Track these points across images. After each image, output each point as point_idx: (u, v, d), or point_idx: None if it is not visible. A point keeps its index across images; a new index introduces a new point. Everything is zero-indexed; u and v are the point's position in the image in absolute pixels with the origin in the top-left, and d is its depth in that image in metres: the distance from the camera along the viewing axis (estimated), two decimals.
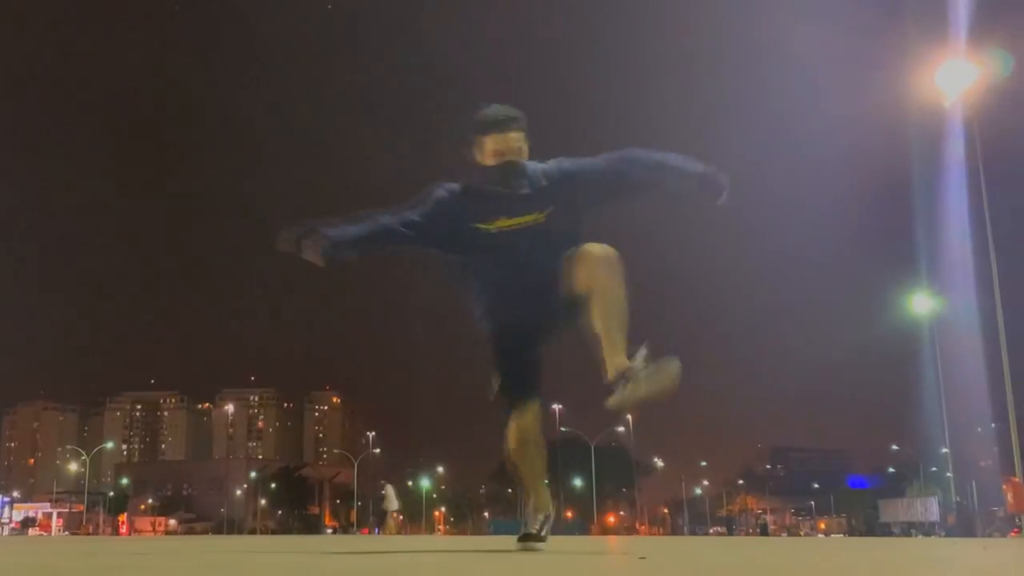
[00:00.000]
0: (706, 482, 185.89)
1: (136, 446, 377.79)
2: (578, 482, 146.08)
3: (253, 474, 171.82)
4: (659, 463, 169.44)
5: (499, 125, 6.37)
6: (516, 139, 6.39)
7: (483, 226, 6.36)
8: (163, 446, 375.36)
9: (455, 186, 6.54)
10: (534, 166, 6.52)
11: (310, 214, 6.41)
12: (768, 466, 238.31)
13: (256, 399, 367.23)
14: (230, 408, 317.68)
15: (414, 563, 5.49)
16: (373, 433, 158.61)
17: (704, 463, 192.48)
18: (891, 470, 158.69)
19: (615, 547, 11.81)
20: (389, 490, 47.85)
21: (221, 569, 4.58)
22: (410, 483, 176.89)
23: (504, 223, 6.35)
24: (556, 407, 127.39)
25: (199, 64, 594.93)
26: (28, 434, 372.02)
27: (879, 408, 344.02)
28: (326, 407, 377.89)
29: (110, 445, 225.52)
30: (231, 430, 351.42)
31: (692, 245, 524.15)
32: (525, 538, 7.05)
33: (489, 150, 6.37)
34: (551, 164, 6.60)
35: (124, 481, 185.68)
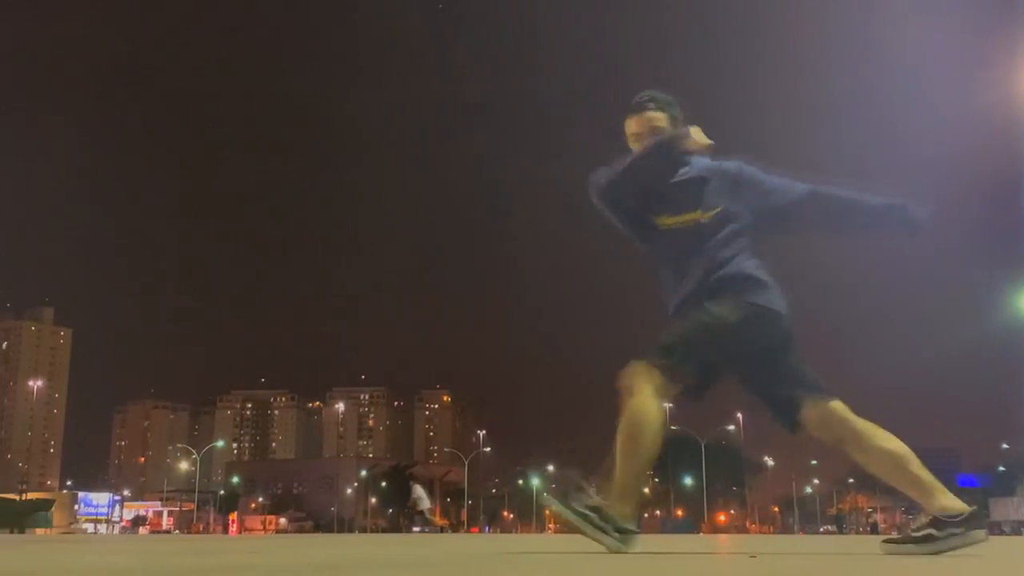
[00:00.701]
0: (816, 480, 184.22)
1: (247, 444, 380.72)
2: (688, 481, 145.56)
3: (363, 473, 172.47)
4: (769, 461, 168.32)
5: (635, 107, 6.10)
6: (654, 118, 6.05)
7: (653, 220, 6.02)
8: (273, 445, 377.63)
9: (612, 173, 6.04)
10: (699, 159, 6.07)
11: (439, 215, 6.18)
12: None
13: (367, 398, 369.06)
14: (341, 407, 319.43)
15: (520, 560, 5.52)
16: (484, 431, 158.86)
17: (814, 462, 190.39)
18: (1001, 469, 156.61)
19: (725, 545, 11.78)
20: (418, 490, 47.49)
21: (332, 569, 4.64)
22: (521, 482, 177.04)
23: (667, 221, 5.96)
24: (666, 405, 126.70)
25: (333, 63, 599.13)
26: (139, 433, 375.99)
27: (989, 406, 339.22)
28: (436, 405, 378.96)
29: (221, 444, 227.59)
30: (341, 429, 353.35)
31: (800, 242, 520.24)
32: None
33: (630, 133, 6.12)
34: (730, 164, 6.15)
35: (235, 480, 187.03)
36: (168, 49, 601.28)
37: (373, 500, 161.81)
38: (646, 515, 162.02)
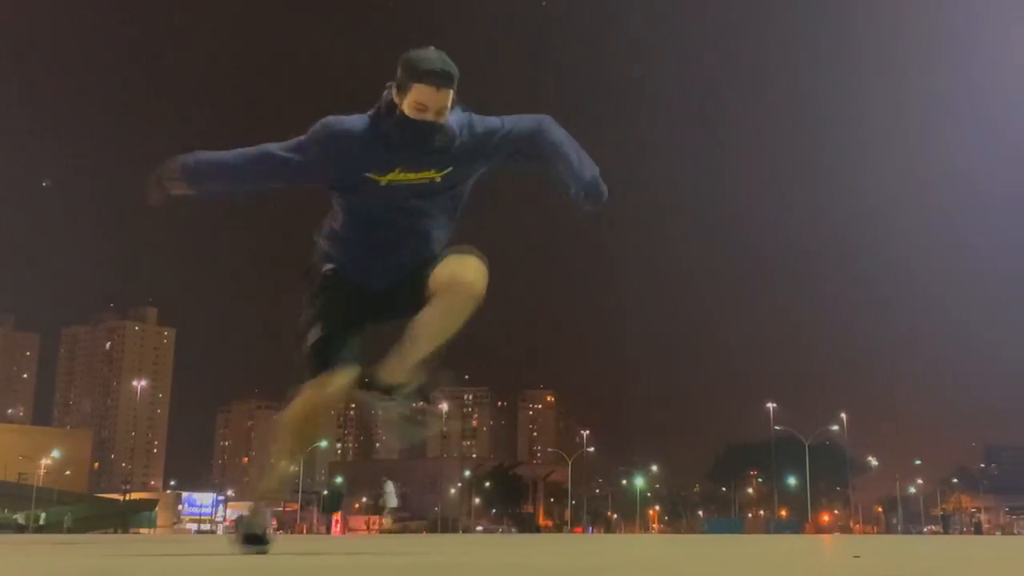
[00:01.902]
0: (920, 481, 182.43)
1: (350, 444, 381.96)
2: (792, 481, 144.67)
3: (467, 473, 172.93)
4: (873, 462, 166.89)
5: (433, 77, 5.37)
6: (445, 98, 5.43)
7: (374, 176, 5.53)
8: (377, 444, 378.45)
9: (355, 122, 5.61)
10: (459, 120, 5.62)
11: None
12: (982, 464, 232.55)
13: (470, 398, 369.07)
14: (444, 406, 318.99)
15: (620, 562, 5.65)
16: (587, 432, 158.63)
17: (918, 462, 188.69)
18: None
19: (829, 545, 11.84)
20: (389, 486, 44.92)
21: (439, 569, 4.79)
22: (624, 482, 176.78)
23: (397, 176, 5.54)
24: (771, 405, 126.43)
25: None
26: (242, 432, 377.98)
27: None
28: (540, 406, 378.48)
29: (324, 443, 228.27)
30: (445, 428, 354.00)
31: (906, 243, 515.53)
32: (248, 540, 6.18)
33: (412, 100, 5.41)
34: (481, 126, 5.72)
35: (338, 480, 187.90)
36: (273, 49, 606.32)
37: (477, 500, 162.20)
38: (750, 515, 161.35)
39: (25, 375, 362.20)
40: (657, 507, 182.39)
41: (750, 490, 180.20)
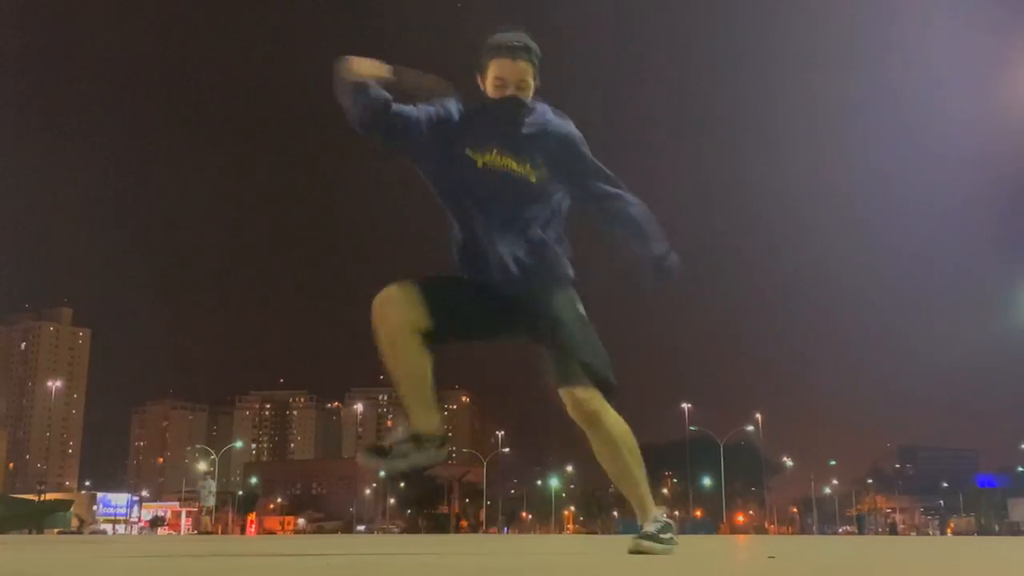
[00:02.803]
0: (835, 481, 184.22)
1: (265, 445, 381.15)
2: (707, 481, 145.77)
3: (382, 473, 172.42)
4: (788, 462, 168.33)
5: (506, 50, 5.43)
6: (523, 70, 5.45)
7: (472, 154, 5.46)
8: (292, 445, 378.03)
9: (467, 102, 5.58)
10: (548, 111, 5.62)
11: None
12: (897, 465, 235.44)
13: (385, 398, 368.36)
14: (359, 407, 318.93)
15: (541, 564, 5.59)
16: (502, 432, 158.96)
17: (833, 462, 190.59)
18: (1020, 469, 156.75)
19: (744, 546, 11.84)
20: (210, 485, 42.87)
21: (345, 568, 4.71)
22: (539, 482, 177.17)
23: (492, 160, 5.43)
24: (685, 406, 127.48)
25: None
26: (157, 433, 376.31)
27: (1008, 407, 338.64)
28: (455, 406, 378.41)
29: (239, 444, 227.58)
30: (360, 429, 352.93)
31: (820, 244, 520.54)
32: None
33: (491, 77, 5.48)
34: (570, 129, 5.66)
35: (253, 480, 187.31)
36: (190, 49, 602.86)
37: (392, 501, 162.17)
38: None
39: None
40: (572, 508, 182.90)
41: (665, 491, 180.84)
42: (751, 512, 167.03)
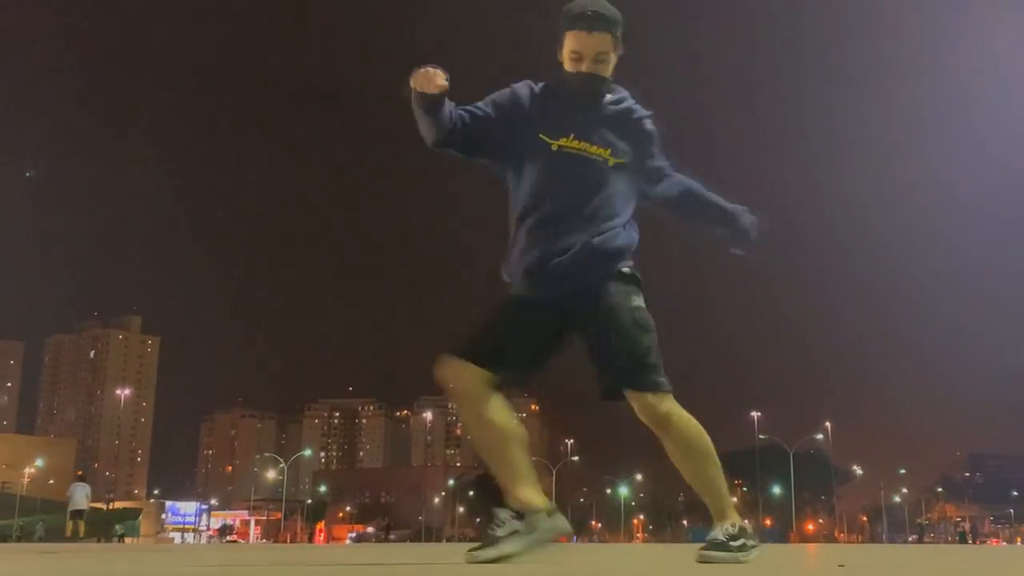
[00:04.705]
0: (905, 490, 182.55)
1: (334, 453, 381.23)
2: (777, 490, 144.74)
3: (451, 481, 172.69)
4: (858, 470, 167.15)
5: (583, 21, 5.08)
6: (600, 42, 5.10)
7: (547, 138, 5.15)
8: (361, 453, 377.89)
9: (533, 85, 5.32)
10: (631, 99, 5.37)
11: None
12: (967, 473, 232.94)
13: (454, 406, 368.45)
14: (428, 415, 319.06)
15: (604, 572, 5.59)
16: (571, 440, 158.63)
17: (903, 471, 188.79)
18: None
19: (813, 554, 11.81)
20: (78, 489, 40.63)
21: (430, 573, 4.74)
22: (609, 491, 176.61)
23: (568, 143, 5.14)
24: (755, 414, 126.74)
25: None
26: (226, 441, 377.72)
27: None
28: (524, 414, 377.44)
29: (308, 452, 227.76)
30: (429, 437, 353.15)
31: (890, 251, 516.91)
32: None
33: (567, 50, 5.16)
34: (650, 125, 5.40)
35: (322, 488, 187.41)
36: (276, 51, 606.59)
37: (461, 509, 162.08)
38: None
39: (9, 383, 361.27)
40: (641, 516, 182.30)
41: (734, 499, 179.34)
42: (820, 521, 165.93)
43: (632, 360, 5.18)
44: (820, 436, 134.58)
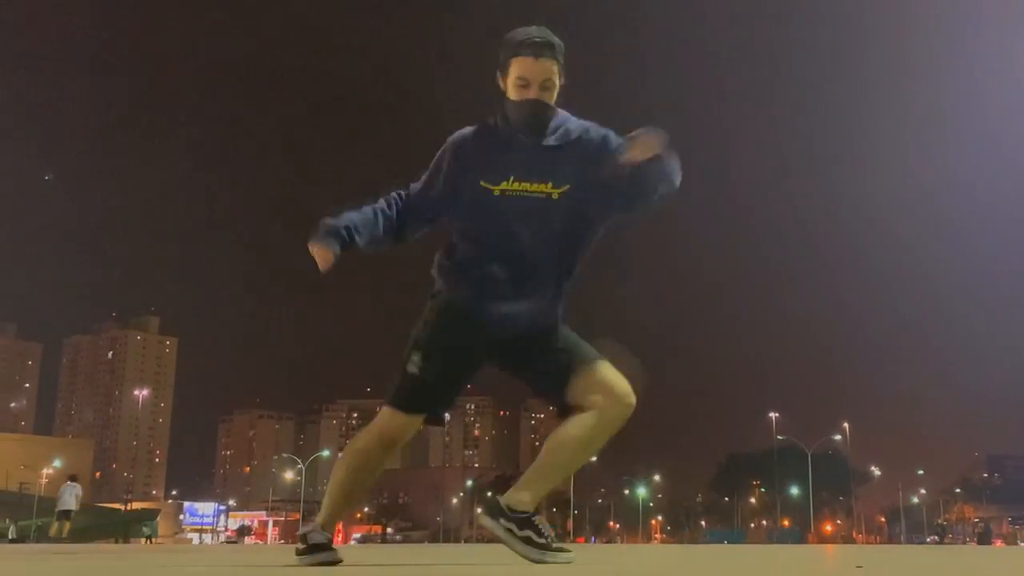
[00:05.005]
0: (923, 490, 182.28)
1: None
2: (795, 490, 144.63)
3: (469, 482, 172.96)
4: (876, 471, 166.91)
5: (529, 48, 4.95)
6: (547, 69, 4.99)
7: (488, 184, 5.05)
8: None
9: (470, 131, 5.20)
10: (572, 120, 5.17)
11: None
12: (985, 475, 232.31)
13: (472, 407, 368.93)
14: (447, 416, 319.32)
15: (622, 572, 5.58)
16: None
17: (921, 471, 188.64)
18: None
19: (832, 555, 11.78)
20: (68, 489, 39.86)
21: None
22: (627, 492, 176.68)
23: (511, 186, 5.02)
24: (773, 415, 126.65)
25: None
26: (244, 442, 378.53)
27: None
28: (542, 415, 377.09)
29: (326, 453, 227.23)
30: (447, 439, 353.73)
31: (908, 251, 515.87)
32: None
33: (513, 76, 5.00)
34: (592, 134, 5.14)
35: None
36: (291, 52, 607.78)
37: (479, 510, 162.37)
38: (752, 525, 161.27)
39: (27, 384, 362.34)
40: (659, 517, 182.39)
41: (752, 500, 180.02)
42: (838, 521, 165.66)
43: (588, 350, 5.30)
44: (838, 437, 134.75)
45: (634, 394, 5.22)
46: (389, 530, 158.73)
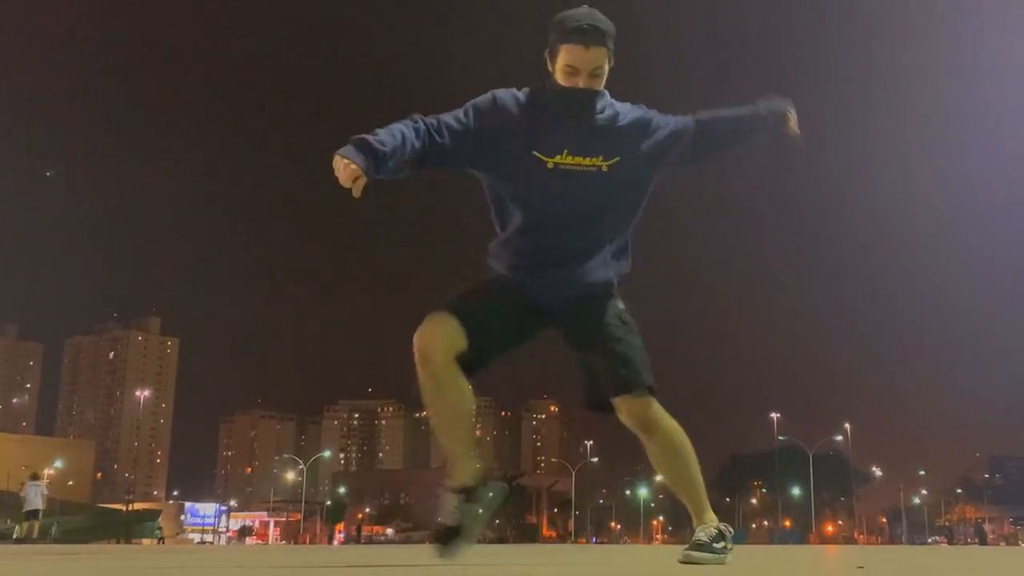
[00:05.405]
0: (924, 491, 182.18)
1: (353, 455, 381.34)
2: (796, 491, 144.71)
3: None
4: (877, 472, 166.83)
5: (580, 34, 4.85)
6: (597, 57, 4.91)
7: (541, 155, 4.98)
8: (380, 455, 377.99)
9: (519, 95, 5.11)
10: (616, 103, 5.15)
11: None
12: (986, 475, 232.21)
13: (473, 408, 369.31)
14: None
15: (624, 573, 5.58)
16: (591, 442, 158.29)
17: (922, 472, 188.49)
18: None
19: (833, 556, 11.77)
20: (32, 488, 38.80)
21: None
22: (628, 492, 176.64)
23: (563, 160, 4.99)
24: (774, 416, 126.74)
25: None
26: (245, 443, 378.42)
27: None
28: (543, 415, 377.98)
29: (327, 454, 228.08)
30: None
31: (910, 251, 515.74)
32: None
33: (561, 63, 4.93)
34: (640, 113, 5.20)
35: (341, 490, 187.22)
36: (291, 52, 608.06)
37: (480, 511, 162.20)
38: (753, 525, 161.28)
39: (29, 385, 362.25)
40: (661, 518, 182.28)
41: (754, 500, 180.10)
42: (840, 522, 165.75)
43: (627, 364, 5.19)
44: (839, 437, 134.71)
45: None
46: (389, 531, 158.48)
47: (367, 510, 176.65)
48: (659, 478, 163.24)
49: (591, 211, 5.10)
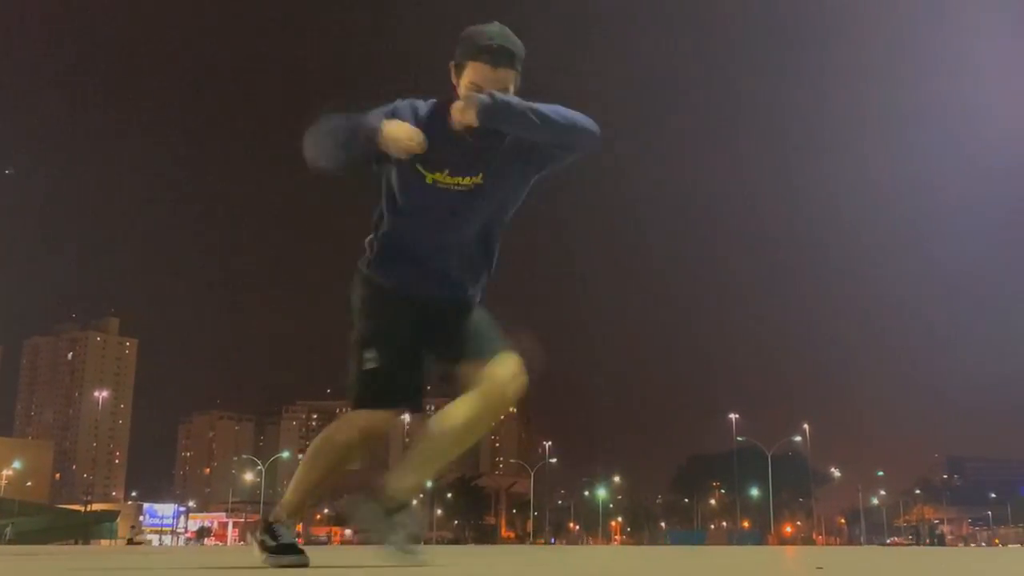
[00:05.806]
0: (883, 492, 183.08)
1: None
2: (755, 492, 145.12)
3: (429, 484, 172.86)
4: (836, 473, 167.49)
5: (488, 55, 4.82)
6: (504, 79, 4.85)
7: (422, 169, 4.98)
8: None
9: (420, 106, 5.08)
10: None
11: None
12: (945, 476, 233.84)
13: (432, 408, 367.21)
14: (406, 416, 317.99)
15: (573, 572, 5.61)
16: (549, 443, 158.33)
17: (881, 473, 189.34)
18: None
19: (792, 557, 11.83)
20: None
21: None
22: (587, 493, 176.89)
23: (443, 179, 4.99)
24: (733, 416, 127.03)
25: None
26: (204, 443, 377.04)
27: None
28: (503, 417, 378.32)
29: (286, 454, 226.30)
30: (407, 439, 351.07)
31: (868, 254, 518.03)
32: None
33: (467, 80, 4.87)
34: None
35: None
36: (264, 54, 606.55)
37: (439, 511, 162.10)
38: (712, 526, 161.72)
39: None
40: (619, 518, 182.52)
41: (712, 501, 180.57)
42: (798, 523, 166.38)
43: (493, 333, 5.30)
44: (798, 438, 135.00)
45: (518, 382, 5.29)
46: (347, 532, 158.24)
47: (325, 511, 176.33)
48: (617, 479, 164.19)
49: (464, 224, 5.10)
